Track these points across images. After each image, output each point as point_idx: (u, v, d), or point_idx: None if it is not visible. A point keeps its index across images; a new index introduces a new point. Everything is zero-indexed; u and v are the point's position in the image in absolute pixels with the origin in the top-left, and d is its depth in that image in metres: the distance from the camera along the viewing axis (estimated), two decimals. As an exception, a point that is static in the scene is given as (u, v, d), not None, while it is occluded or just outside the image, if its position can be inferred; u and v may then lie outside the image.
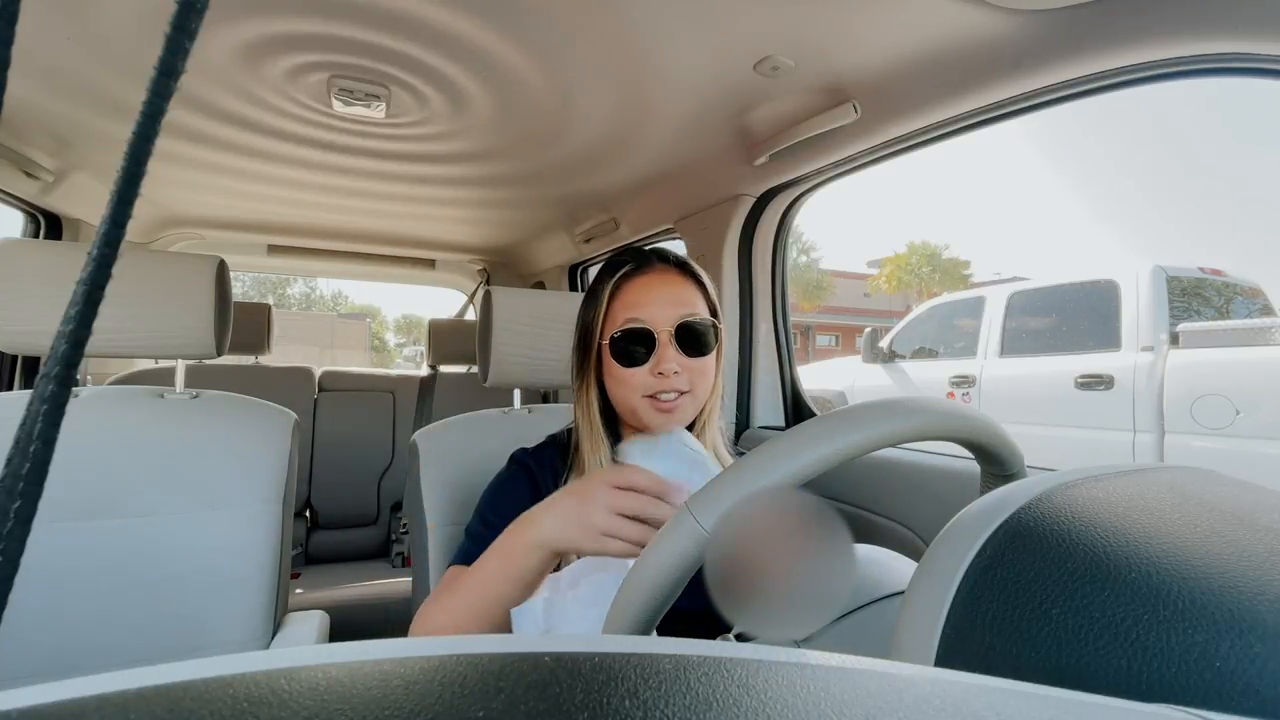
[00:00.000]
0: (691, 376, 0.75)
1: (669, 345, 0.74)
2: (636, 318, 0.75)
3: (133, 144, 0.15)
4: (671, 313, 0.75)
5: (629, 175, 1.55)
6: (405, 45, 1.00)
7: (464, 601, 0.63)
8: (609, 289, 0.77)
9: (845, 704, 0.16)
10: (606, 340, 0.76)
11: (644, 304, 0.75)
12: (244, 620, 1.00)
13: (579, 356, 0.80)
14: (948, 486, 1.01)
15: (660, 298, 0.75)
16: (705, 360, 0.76)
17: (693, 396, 0.76)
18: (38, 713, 0.13)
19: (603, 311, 0.77)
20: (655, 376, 0.74)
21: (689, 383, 0.75)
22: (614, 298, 0.77)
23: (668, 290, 0.76)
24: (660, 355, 0.74)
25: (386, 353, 34.55)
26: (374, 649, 0.17)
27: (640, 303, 0.75)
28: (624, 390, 0.76)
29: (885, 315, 19.88)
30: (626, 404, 0.76)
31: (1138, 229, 66.53)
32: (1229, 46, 0.68)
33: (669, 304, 0.75)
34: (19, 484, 0.14)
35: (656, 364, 0.74)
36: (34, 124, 1.29)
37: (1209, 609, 0.23)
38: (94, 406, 1.01)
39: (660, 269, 0.78)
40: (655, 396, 0.74)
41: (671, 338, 0.74)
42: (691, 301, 0.77)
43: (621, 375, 0.75)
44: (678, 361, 0.74)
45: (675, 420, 0.75)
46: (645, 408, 0.75)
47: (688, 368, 0.75)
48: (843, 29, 0.88)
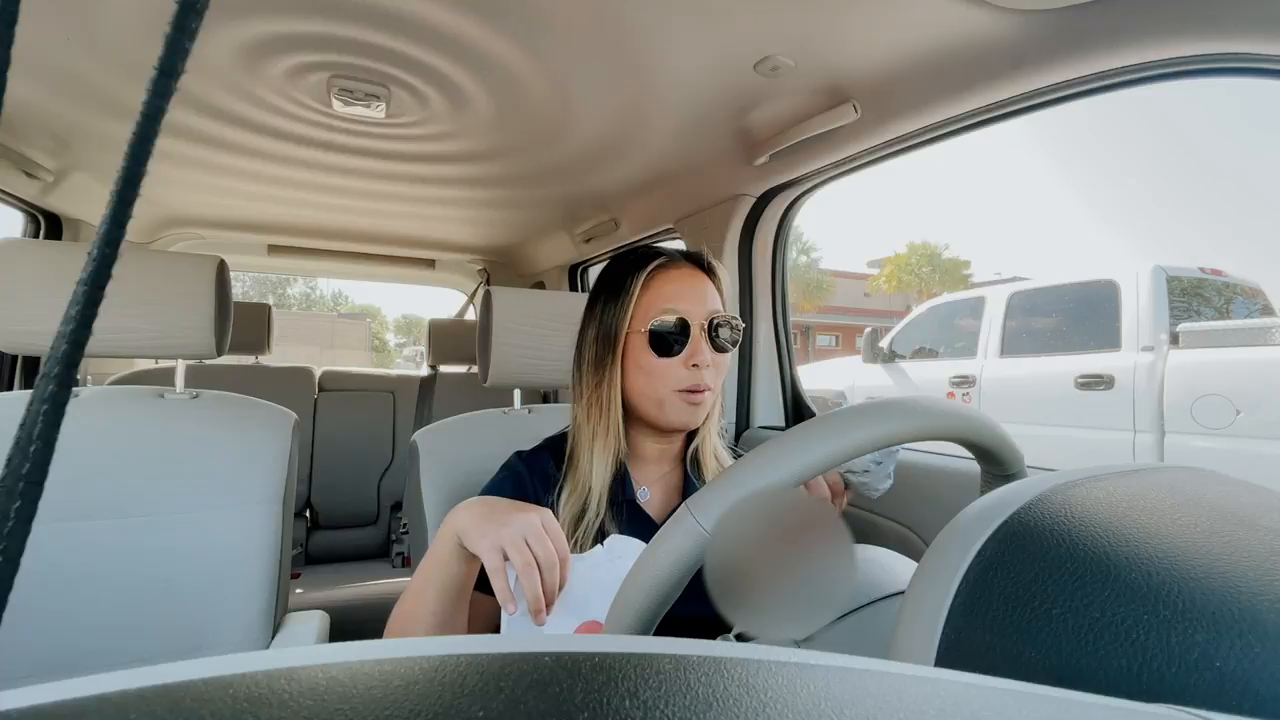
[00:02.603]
0: (716, 373, 0.77)
1: (702, 338, 0.75)
2: (674, 308, 0.75)
3: (133, 144, 0.15)
4: (704, 308, 0.76)
5: (629, 175, 1.55)
6: (405, 45, 1.00)
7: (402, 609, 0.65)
8: (640, 280, 0.77)
9: (845, 704, 0.16)
10: (644, 329, 0.75)
11: (680, 296, 0.76)
12: (244, 620, 1.00)
13: (599, 350, 0.78)
14: (948, 486, 1.01)
15: (694, 293, 0.77)
16: (727, 357, 0.78)
17: (713, 394, 0.77)
18: (38, 713, 0.13)
19: (633, 303, 0.76)
20: (689, 369, 0.74)
21: (714, 379, 0.76)
22: (646, 290, 0.77)
23: (701, 287, 0.78)
24: (694, 348, 0.75)
25: (386, 353, 34.55)
26: (374, 649, 0.17)
27: (676, 295, 0.76)
28: (653, 383, 0.75)
29: (885, 315, 19.87)
30: (653, 397, 0.76)
31: (1138, 229, 66.59)
32: (1229, 46, 0.68)
33: (701, 299, 0.77)
34: (19, 484, 0.14)
35: (691, 356, 0.74)
36: (34, 124, 1.29)
37: (1209, 609, 0.23)
38: (94, 406, 1.01)
39: (690, 266, 0.80)
40: (686, 390, 0.75)
41: (704, 331, 0.76)
42: (716, 300, 0.79)
43: (654, 367, 0.75)
44: (709, 356, 0.75)
45: (699, 415, 0.76)
46: (674, 401, 0.75)
47: (715, 364, 0.76)
48: (843, 29, 0.88)
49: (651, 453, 0.81)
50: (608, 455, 0.76)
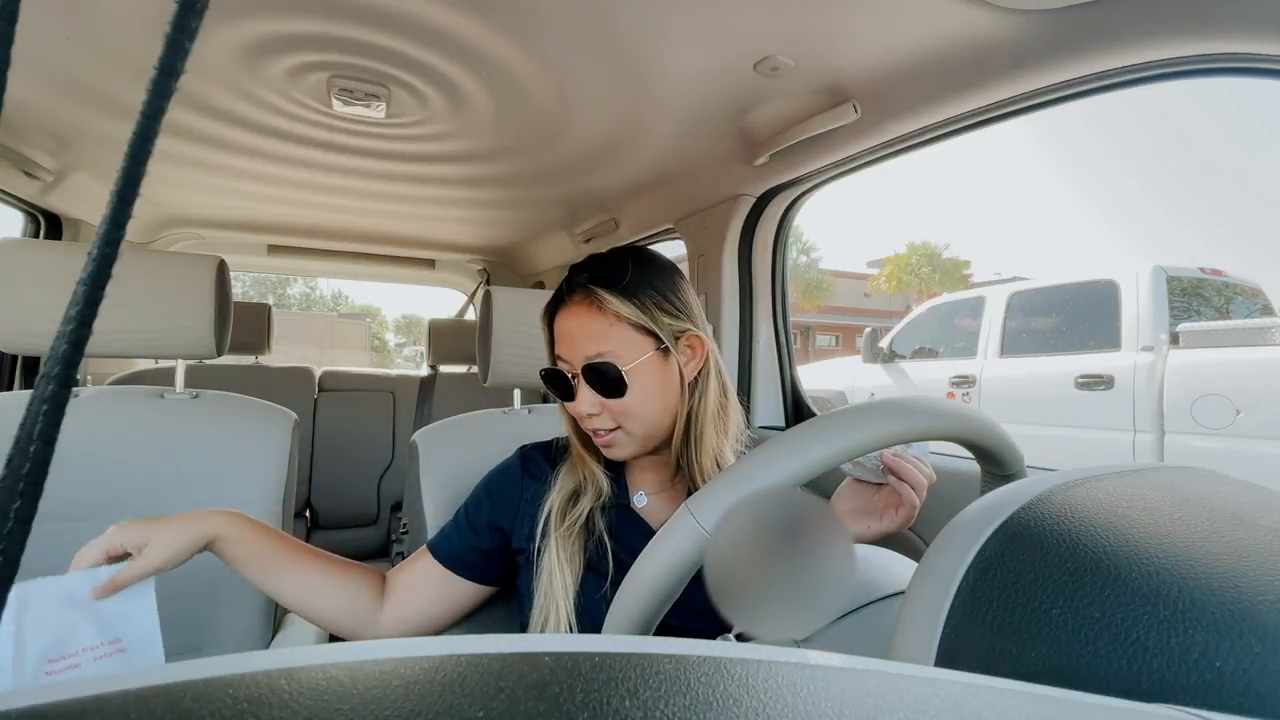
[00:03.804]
0: (614, 415, 0.70)
1: (583, 385, 0.70)
2: (559, 354, 0.73)
3: (133, 144, 0.15)
4: (579, 352, 0.70)
5: (629, 175, 1.55)
6: (405, 45, 1.00)
7: None
8: (545, 320, 0.76)
9: (845, 704, 0.16)
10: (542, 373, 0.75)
11: (561, 340, 0.73)
12: (244, 620, 1.00)
13: None
14: (948, 486, 1.00)
15: (570, 335, 0.71)
16: (626, 400, 0.69)
17: (626, 433, 0.71)
18: (38, 713, 0.13)
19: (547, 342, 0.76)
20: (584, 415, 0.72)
21: (613, 420, 0.70)
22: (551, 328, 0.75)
23: (576, 327, 0.71)
24: (579, 394, 0.71)
25: (386, 353, 34.56)
26: (374, 649, 0.17)
27: (560, 338, 0.73)
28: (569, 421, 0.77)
29: (885, 315, 19.88)
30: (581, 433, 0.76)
31: (1137, 229, 66.58)
32: (1229, 46, 0.68)
33: (576, 342, 0.71)
34: (19, 484, 0.14)
35: (576, 404, 0.71)
36: (34, 124, 1.29)
37: (1209, 609, 0.23)
38: (94, 406, 1.01)
39: (576, 301, 0.71)
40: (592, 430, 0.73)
41: (580, 379, 0.71)
42: (598, 337, 0.69)
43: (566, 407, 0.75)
44: (593, 402, 0.70)
45: (617, 454, 0.73)
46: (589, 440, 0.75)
47: (606, 407, 0.70)
48: (843, 29, 0.88)
49: (644, 461, 0.79)
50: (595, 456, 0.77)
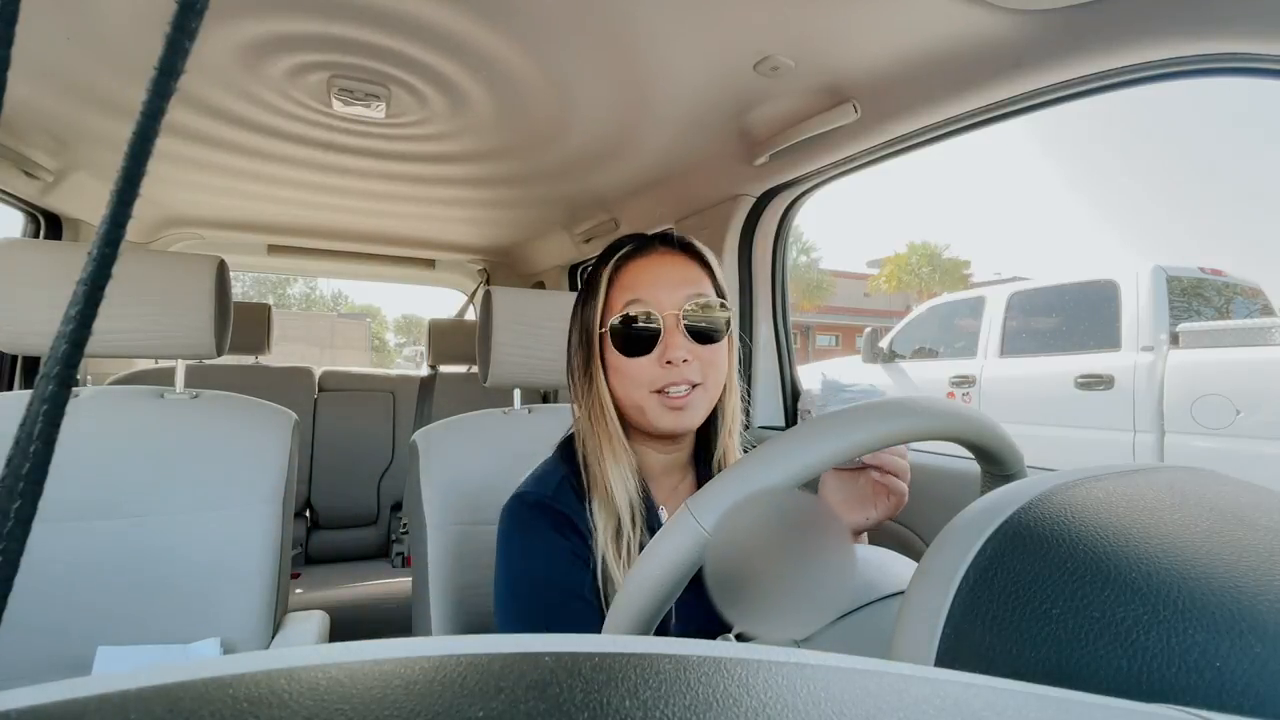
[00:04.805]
0: (703, 367, 0.67)
1: (676, 330, 0.66)
2: (639, 299, 0.67)
3: (133, 144, 0.15)
4: (677, 295, 0.67)
5: (629, 175, 1.55)
6: (405, 45, 1.00)
7: None
8: (607, 273, 0.70)
9: (845, 704, 0.16)
10: (605, 329, 0.68)
11: (646, 285, 0.68)
12: (244, 620, 1.00)
13: (584, 354, 0.71)
14: (948, 486, 1.01)
15: (664, 279, 0.68)
16: (716, 348, 0.68)
17: (705, 390, 0.68)
18: (38, 713, 0.13)
19: (602, 299, 0.69)
20: (664, 367, 0.66)
21: (701, 373, 0.67)
22: (613, 283, 0.70)
23: (673, 271, 0.69)
24: (667, 342, 0.66)
25: (386, 353, 34.55)
26: (374, 649, 0.17)
27: (642, 284, 0.68)
28: (628, 386, 0.68)
29: (885, 315, 19.86)
30: (632, 402, 0.68)
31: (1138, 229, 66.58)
32: (1229, 46, 0.68)
33: (674, 285, 0.68)
34: (19, 484, 0.14)
35: (664, 352, 0.66)
36: (34, 124, 1.29)
37: (1209, 609, 0.23)
38: (94, 406, 1.01)
39: (662, 250, 0.71)
40: (664, 391, 0.66)
41: (679, 321, 0.66)
42: (698, 282, 0.69)
43: (625, 368, 0.67)
44: (687, 349, 0.66)
45: (687, 419, 0.67)
46: (654, 405, 0.67)
47: (698, 356, 0.67)
48: (843, 29, 0.88)
49: (656, 466, 0.74)
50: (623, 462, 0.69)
